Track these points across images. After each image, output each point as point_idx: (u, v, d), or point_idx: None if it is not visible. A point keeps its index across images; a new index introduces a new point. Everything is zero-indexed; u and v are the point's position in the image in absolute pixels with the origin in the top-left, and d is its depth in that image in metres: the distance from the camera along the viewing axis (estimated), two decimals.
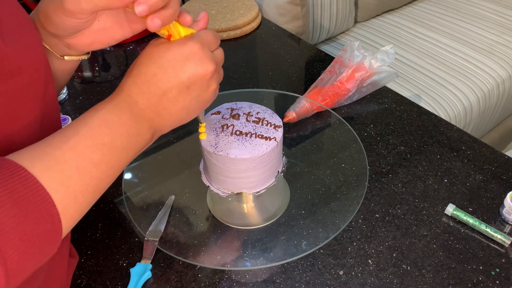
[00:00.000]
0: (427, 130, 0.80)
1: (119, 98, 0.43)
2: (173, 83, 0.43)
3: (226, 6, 1.16)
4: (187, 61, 0.43)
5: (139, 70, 0.44)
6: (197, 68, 0.44)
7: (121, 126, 0.42)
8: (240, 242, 0.64)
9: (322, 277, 0.59)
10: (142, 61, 0.45)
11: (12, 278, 0.33)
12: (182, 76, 0.43)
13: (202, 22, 0.47)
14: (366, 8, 1.48)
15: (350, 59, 0.86)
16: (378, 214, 0.67)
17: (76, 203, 0.38)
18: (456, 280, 0.58)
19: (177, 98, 0.44)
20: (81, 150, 0.39)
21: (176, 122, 0.47)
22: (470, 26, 1.45)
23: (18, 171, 0.34)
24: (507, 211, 0.64)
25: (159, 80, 0.43)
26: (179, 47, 0.44)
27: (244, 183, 0.59)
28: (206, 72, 0.44)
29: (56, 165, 0.37)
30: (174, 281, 0.60)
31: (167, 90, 0.44)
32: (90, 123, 0.41)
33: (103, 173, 0.40)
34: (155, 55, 0.44)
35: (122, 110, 0.42)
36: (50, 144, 0.38)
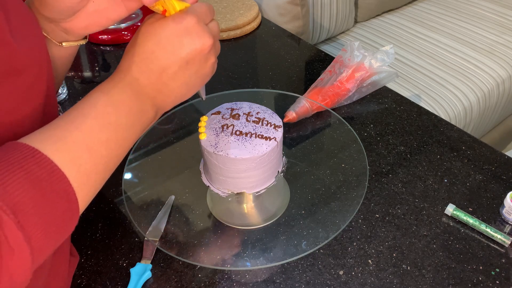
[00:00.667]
0: (427, 130, 0.80)
1: (119, 78, 0.44)
2: (172, 59, 0.44)
3: (226, 6, 1.16)
4: (184, 37, 0.43)
5: (137, 49, 0.44)
6: (194, 42, 0.44)
7: (125, 105, 0.42)
8: (240, 242, 0.64)
9: (322, 277, 0.59)
10: (139, 40, 0.44)
11: (36, 257, 0.34)
12: (181, 51, 0.43)
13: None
14: (366, 8, 1.48)
15: (350, 59, 0.86)
16: (378, 214, 0.67)
17: (89, 181, 0.39)
18: (456, 280, 0.58)
19: (177, 74, 0.44)
20: (88, 130, 0.39)
21: (178, 98, 0.47)
22: (470, 26, 1.45)
23: (32, 153, 0.35)
24: (507, 211, 0.64)
25: (157, 58, 0.43)
26: (176, 22, 0.43)
27: (244, 183, 0.59)
28: (204, 46, 0.44)
29: (66, 146, 0.37)
30: (174, 281, 0.60)
31: (166, 67, 0.44)
32: (94, 103, 0.41)
33: (112, 151, 0.41)
34: (152, 32, 0.44)
35: (124, 89, 0.43)
36: (57, 126, 0.39)
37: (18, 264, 0.33)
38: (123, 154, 0.43)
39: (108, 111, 0.41)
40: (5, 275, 0.32)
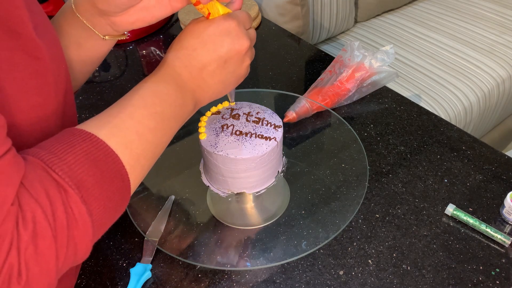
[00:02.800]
0: (427, 130, 0.80)
1: (164, 72, 0.47)
2: (212, 57, 0.47)
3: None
4: (225, 37, 0.47)
5: (181, 44, 0.48)
6: (234, 43, 0.47)
7: (169, 97, 0.45)
8: (240, 242, 0.64)
9: (322, 277, 0.59)
10: (184, 36, 0.48)
11: (96, 230, 0.37)
12: (221, 50, 0.47)
13: (237, 3, 0.51)
14: (366, 8, 1.48)
15: (350, 59, 0.86)
16: (378, 214, 0.67)
17: (139, 165, 0.42)
18: (456, 280, 0.58)
19: (215, 71, 0.48)
20: (138, 118, 0.42)
21: (214, 95, 0.50)
22: (470, 26, 1.45)
23: (89, 136, 0.38)
24: (507, 211, 0.64)
25: (199, 54, 0.47)
26: (218, 23, 0.47)
27: (244, 183, 0.59)
28: (242, 47, 0.48)
29: (119, 132, 0.40)
30: (174, 281, 0.60)
31: (207, 64, 0.47)
32: (142, 94, 0.44)
33: (158, 139, 0.44)
34: (196, 30, 0.48)
35: (169, 82, 0.46)
36: (110, 114, 0.42)
37: (82, 235, 0.36)
38: (167, 142, 0.46)
39: (155, 102, 0.44)
40: (71, 244, 0.35)
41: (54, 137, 0.39)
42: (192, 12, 1.15)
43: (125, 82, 0.97)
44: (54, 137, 0.39)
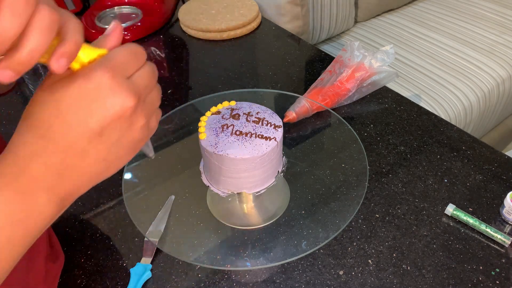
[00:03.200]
0: (427, 130, 0.80)
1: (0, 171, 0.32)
2: (78, 133, 0.33)
3: (226, 6, 1.16)
4: (93, 100, 0.32)
5: (30, 121, 0.33)
6: (107, 108, 0.32)
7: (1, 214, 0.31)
8: (240, 242, 0.64)
9: (322, 277, 0.59)
10: (35, 107, 0.33)
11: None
12: (89, 121, 0.32)
13: (114, 37, 0.35)
14: (366, 8, 1.48)
15: (350, 59, 0.86)
16: (378, 214, 0.67)
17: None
18: (456, 280, 0.58)
19: (86, 150, 0.33)
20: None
21: (94, 179, 0.36)
22: (470, 26, 1.45)
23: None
24: (507, 211, 0.64)
25: (57, 133, 0.32)
26: (81, 82, 0.32)
27: (244, 183, 0.59)
28: (122, 109, 0.33)
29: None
30: (174, 281, 0.60)
31: (71, 144, 0.33)
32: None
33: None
34: (49, 99, 0.33)
35: (1, 191, 0.31)
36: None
37: None
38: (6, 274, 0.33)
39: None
40: None
41: None
42: (191, 12, 1.15)
43: None
44: None
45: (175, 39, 1.12)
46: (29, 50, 0.28)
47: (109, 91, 0.32)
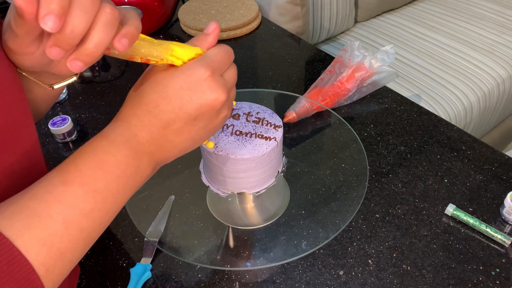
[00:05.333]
0: (427, 130, 0.80)
1: (116, 133, 0.39)
2: (178, 114, 0.39)
3: (226, 6, 1.16)
4: (194, 91, 0.39)
5: (140, 99, 0.40)
6: (205, 98, 0.39)
7: (117, 167, 0.37)
8: (240, 242, 0.64)
9: (322, 277, 0.59)
10: (145, 88, 0.40)
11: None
12: (189, 107, 0.39)
13: (213, 37, 0.42)
14: (366, 8, 1.48)
15: (350, 59, 0.86)
16: (378, 214, 0.67)
17: (63, 261, 0.34)
18: (456, 280, 0.58)
19: (182, 129, 0.40)
20: (70, 200, 0.34)
21: (181, 153, 0.43)
22: (470, 26, 1.45)
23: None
24: (507, 211, 0.64)
25: (162, 111, 0.39)
26: (187, 74, 0.39)
27: (244, 183, 0.59)
28: (216, 102, 0.40)
29: (39, 222, 0.32)
30: (174, 281, 0.60)
31: (171, 122, 0.39)
32: (81, 166, 0.36)
33: (95, 221, 0.36)
34: (159, 82, 0.39)
35: (119, 147, 0.38)
36: (33, 195, 0.34)
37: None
38: (108, 222, 0.38)
39: (96, 176, 0.36)
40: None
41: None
42: (191, 12, 1.15)
43: (125, 82, 0.97)
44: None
45: (175, 39, 1.12)
46: (95, 42, 0.32)
47: (208, 86, 0.39)
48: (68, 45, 0.31)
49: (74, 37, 0.31)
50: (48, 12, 0.29)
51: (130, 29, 0.35)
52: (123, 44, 0.34)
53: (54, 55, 0.31)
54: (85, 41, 0.32)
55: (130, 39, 0.34)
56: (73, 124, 0.82)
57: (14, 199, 0.34)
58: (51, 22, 0.29)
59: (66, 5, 0.30)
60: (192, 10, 1.16)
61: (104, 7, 0.32)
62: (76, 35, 0.31)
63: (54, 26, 0.30)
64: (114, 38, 0.34)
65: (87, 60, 0.33)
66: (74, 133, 0.83)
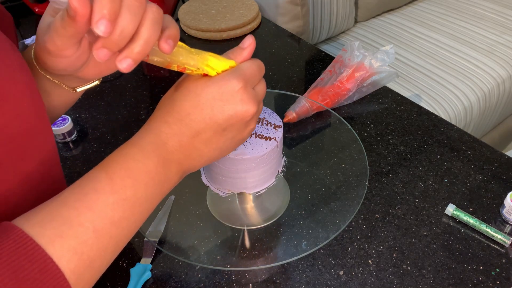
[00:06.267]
0: (427, 130, 0.80)
1: (147, 140, 0.39)
2: (208, 124, 0.40)
3: (226, 6, 1.16)
4: (226, 102, 0.39)
5: (172, 106, 0.40)
6: (236, 110, 0.40)
7: (147, 175, 0.38)
8: (240, 242, 0.64)
9: (322, 277, 0.59)
10: (177, 96, 0.40)
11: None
12: (219, 117, 0.40)
13: (248, 52, 0.43)
14: (366, 8, 1.48)
15: (350, 59, 0.86)
16: (378, 214, 0.67)
17: (92, 269, 0.34)
18: (456, 280, 0.58)
19: (210, 139, 0.41)
20: (100, 208, 0.34)
21: (207, 162, 0.43)
22: (471, 26, 1.45)
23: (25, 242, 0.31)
24: (507, 211, 0.64)
25: (193, 120, 0.39)
26: (220, 85, 0.39)
27: (244, 183, 0.59)
28: (246, 114, 0.40)
29: (70, 230, 0.33)
30: (174, 281, 0.60)
31: (201, 131, 0.40)
32: (111, 173, 0.36)
33: (123, 230, 0.36)
34: (192, 91, 0.40)
35: (149, 155, 0.38)
36: (65, 202, 0.34)
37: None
38: (135, 230, 0.38)
39: (126, 184, 0.36)
40: None
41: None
42: (191, 12, 1.15)
43: (125, 82, 0.97)
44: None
45: None
46: (144, 41, 0.33)
47: (240, 97, 0.40)
48: (116, 46, 0.32)
49: (123, 38, 0.32)
50: (101, 17, 0.30)
51: (173, 32, 0.35)
52: (169, 45, 0.35)
53: (102, 56, 0.32)
54: (134, 40, 0.33)
55: (174, 41, 0.35)
56: (73, 124, 0.82)
57: (45, 206, 0.34)
58: (103, 26, 0.30)
59: (117, 9, 0.31)
60: (192, 10, 1.16)
61: (151, 7, 0.33)
62: (125, 36, 0.32)
63: (106, 30, 0.31)
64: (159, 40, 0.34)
65: (137, 58, 0.33)
66: (74, 133, 0.83)
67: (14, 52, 0.37)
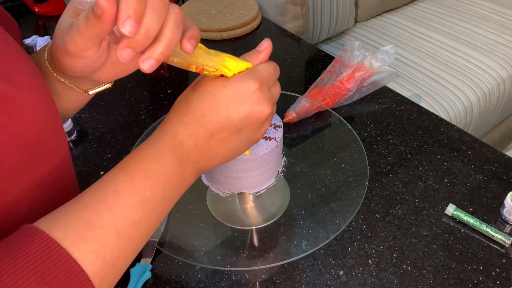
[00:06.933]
0: (427, 130, 0.80)
1: (164, 141, 0.39)
2: (223, 125, 0.40)
3: (226, 6, 1.16)
4: (242, 102, 0.40)
5: (189, 106, 0.40)
6: (252, 110, 0.40)
7: (164, 176, 0.38)
8: (240, 242, 0.64)
9: (322, 277, 0.59)
10: (194, 96, 0.41)
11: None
12: (235, 117, 0.40)
13: (265, 55, 0.43)
14: (366, 7, 1.48)
15: (350, 59, 0.86)
16: (378, 214, 0.67)
17: (114, 270, 0.34)
18: (457, 281, 0.58)
19: (225, 139, 0.41)
20: (121, 210, 0.35)
21: (221, 162, 0.44)
22: (471, 26, 1.45)
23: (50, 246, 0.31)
24: (507, 211, 0.64)
25: (209, 121, 0.40)
26: (236, 86, 0.40)
27: (244, 183, 0.59)
28: (261, 115, 0.41)
29: (93, 232, 0.33)
30: (174, 281, 0.60)
31: (216, 132, 0.40)
32: (131, 175, 0.37)
33: (143, 231, 0.37)
34: (209, 91, 0.40)
35: (166, 157, 0.39)
36: (85, 205, 0.34)
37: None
38: (153, 231, 0.39)
39: (145, 185, 0.37)
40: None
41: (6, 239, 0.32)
42: (191, 12, 1.15)
43: (125, 82, 0.97)
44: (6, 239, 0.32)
45: None
46: (167, 41, 0.33)
47: (256, 98, 0.40)
48: (140, 46, 0.32)
49: (148, 38, 0.32)
50: (128, 17, 0.30)
51: (195, 32, 0.36)
52: (192, 45, 0.35)
53: (125, 56, 0.32)
54: (158, 41, 0.33)
55: (196, 41, 0.36)
56: (73, 124, 0.82)
57: (66, 209, 0.34)
58: (130, 26, 0.31)
59: (143, 9, 0.31)
60: (192, 10, 1.16)
61: (173, 8, 0.34)
62: (149, 36, 0.32)
63: (132, 30, 0.31)
64: (182, 41, 0.35)
65: (160, 58, 0.33)
66: (74, 133, 0.83)
67: (27, 60, 0.37)
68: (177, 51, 0.36)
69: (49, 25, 1.18)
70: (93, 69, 0.41)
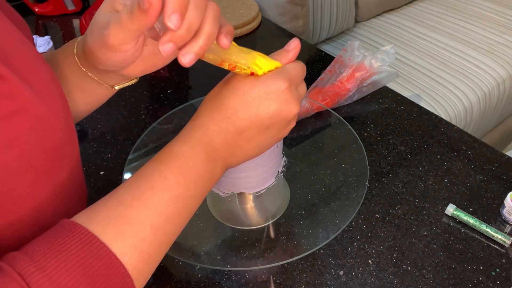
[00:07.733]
0: (427, 130, 0.80)
1: (195, 137, 0.40)
2: (253, 122, 0.41)
3: (226, 6, 1.16)
4: (272, 101, 0.41)
5: (220, 103, 0.41)
6: (281, 109, 0.41)
7: (196, 172, 0.39)
8: (240, 242, 0.64)
9: (322, 277, 0.59)
10: (224, 93, 0.41)
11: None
12: (264, 116, 0.41)
13: (293, 54, 0.44)
14: (366, 7, 1.48)
15: (350, 59, 0.86)
16: (378, 214, 0.67)
17: (150, 264, 0.36)
18: (457, 281, 0.58)
19: (254, 137, 0.42)
20: (156, 206, 0.36)
21: (247, 159, 0.45)
22: (471, 26, 1.45)
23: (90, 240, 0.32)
24: (507, 211, 0.64)
25: (239, 118, 0.41)
26: (267, 84, 0.41)
27: (244, 183, 0.59)
28: (289, 114, 0.42)
29: (130, 228, 0.34)
30: (174, 281, 0.60)
31: (245, 129, 0.41)
32: (165, 172, 0.38)
33: (176, 226, 0.38)
34: (240, 89, 0.41)
35: (198, 153, 0.40)
36: (122, 201, 0.36)
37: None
38: (184, 225, 0.40)
39: (179, 181, 0.38)
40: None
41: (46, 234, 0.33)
42: None
43: None
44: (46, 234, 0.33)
45: None
46: (206, 36, 0.34)
47: (285, 97, 0.41)
48: (182, 41, 0.33)
49: (190, 33, 0.33)
50: (173, 11, 0.31)
51: (230, 28, 0.37)
52: (228, 40, 0.36)
53: (167, 50, 0.33)
54: (198, 35, 0.34)
55: (231, 37, 0.37)
56: None
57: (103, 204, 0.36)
58: (175, 20, 0.31)
59: (186, 4, 0.32)
60: None
61: (211, 4, 0.35)
62: (191, 31, 0.33)
63: (177, 24, 0.32)
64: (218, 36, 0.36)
65: (199, 53, 0.34)
66: None
67: (45, 65, 0.37)
68: (212, 47, 0.37)
69: (49, 25, 1.17)
70: (127, 62, 0.42)
